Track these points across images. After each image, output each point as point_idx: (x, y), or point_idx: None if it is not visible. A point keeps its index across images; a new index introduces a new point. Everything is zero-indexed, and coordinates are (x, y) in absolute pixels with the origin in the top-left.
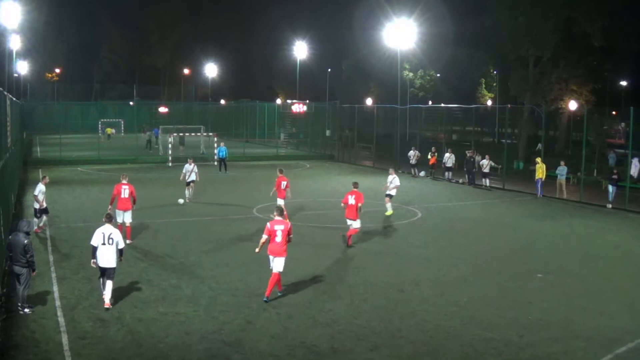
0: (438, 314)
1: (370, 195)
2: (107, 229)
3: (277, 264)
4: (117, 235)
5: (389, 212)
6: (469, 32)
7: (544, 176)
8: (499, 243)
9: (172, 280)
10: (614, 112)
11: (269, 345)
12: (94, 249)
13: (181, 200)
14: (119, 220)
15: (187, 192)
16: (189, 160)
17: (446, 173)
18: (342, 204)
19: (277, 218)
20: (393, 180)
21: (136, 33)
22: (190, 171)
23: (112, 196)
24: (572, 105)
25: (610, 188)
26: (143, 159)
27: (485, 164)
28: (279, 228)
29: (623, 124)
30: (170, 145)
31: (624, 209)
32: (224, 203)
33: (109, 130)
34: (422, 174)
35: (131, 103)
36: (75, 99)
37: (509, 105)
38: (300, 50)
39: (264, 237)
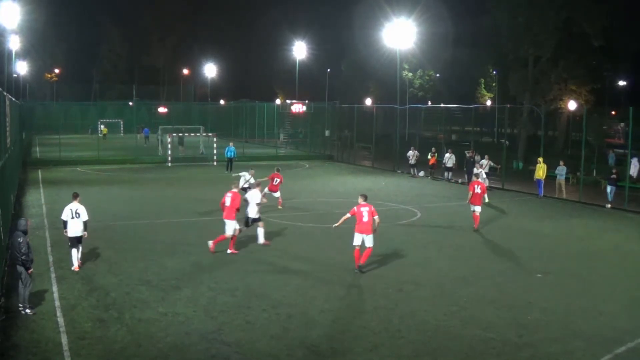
0: (437, 313)
1: (370, 197)
2: (74, 205)
3: (368, 240)
4: (82, 210)
5: None
6: (468, 32)
7: (545, 176)
8: (498, 243)
9: (171, 280)
10: (613, 112)
11: (268, 346)
12: (65, 222)
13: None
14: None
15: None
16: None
17: (446, 173)
18: (349, 215)
19: (362, 202)
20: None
21: (136, 33)
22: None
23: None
24: (572, 105)
25: (609, 188)
26: (142, 159)
27: (485, 164)
28: (365, 210)
29: (622, 124)
30: (169, 146)
31: (623, 209)
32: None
33: (105, 130)
34: (422, 174)
35: (130, 103)
36: (75, 99)
37: (508, 105)
38: (300, 50)
39: (348, 215)
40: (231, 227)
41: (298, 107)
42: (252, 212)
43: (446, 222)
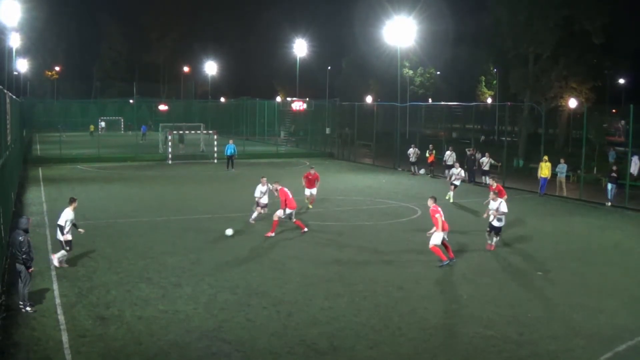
0: (438, 311)
1: (369, 193)
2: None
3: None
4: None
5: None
6: (468, 29)
7: (550, 175)
8: (499, 241)
9: (172, 278)
10: (613, 110)
11: (269, 343)
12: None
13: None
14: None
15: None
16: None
17: (446, 171)
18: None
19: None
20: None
21: (136, 30)
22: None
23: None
24: (572, 103)
25: (610, 186)
26: (142, 156)
27: (485, 161)
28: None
29: (623, 122)
30: (169, 143)
31: (624, 207)
32: (224, 200)
33: (92, 127)
34: (422, 171)
35: (131, 101)
36: (75, 97)
37: (509, 103)
38: (300, 48)
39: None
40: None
41: (298, 105)
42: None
43: (446, 220)
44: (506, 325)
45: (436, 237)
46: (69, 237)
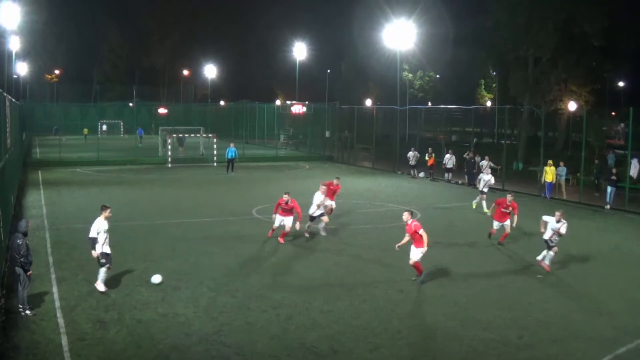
0: (437, 314)
1: (369, 197)
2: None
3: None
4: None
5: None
6: (468, 32)
7: (554, 179)
8: (493, 244)
9: (171, 281)
10: (613, 113)
11: (269, 347)
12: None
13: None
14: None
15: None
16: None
17: (446, 174)
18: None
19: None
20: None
21: (136, 33)
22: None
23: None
24: (572, 106)
25: (609, 189)
26: (142, 160)
27: (485, 164)
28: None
29: (622, 125)
30: (169, 147)
31: (623, 210)
32: (224, 204)
33: (86, 131)
34: (422, 174)
35: (130, 104)
36: (75, 100)
37: (508, 106)
38: (300, 51)
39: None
40: None
41: (298, 108)
42: (312, 209)
43: (446, 223)
44: (506, 328)
45: (418, 253)
46: (106, 249)
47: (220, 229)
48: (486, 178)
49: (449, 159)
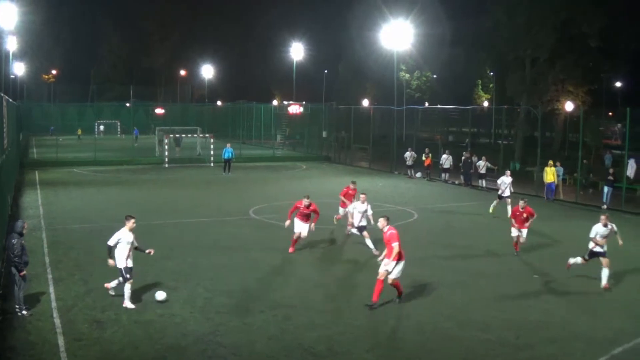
0: (435, 315)
1: (367, 198)
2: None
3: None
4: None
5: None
6: (465, 33)
7: (555, 180)
8: (496, 244)
9: (169, 282)
10: (610, 113)
11: (266, 347)
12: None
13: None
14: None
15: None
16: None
17: (443, 174)
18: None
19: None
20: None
21: (136, 34)
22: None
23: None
24: (569, 106)
25: (606, 189)
26: (139, 160)
27: (482, 165)
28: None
29: (619, 125)
30: (166, 147)
31: (620, 210)
32: (221, 204)
33: (80, 131)
34: (419, 175)
35: (128, 104)
36: (72, 100)
37: (505, 107)
38: (297, 51)
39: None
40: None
41: (295, 108)
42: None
43: (443, 224)
44: (503, 328)
45: (392, 267)
46: (129, 263)
47: (218, 229)
48: (507, 180)
49: (446, 159)
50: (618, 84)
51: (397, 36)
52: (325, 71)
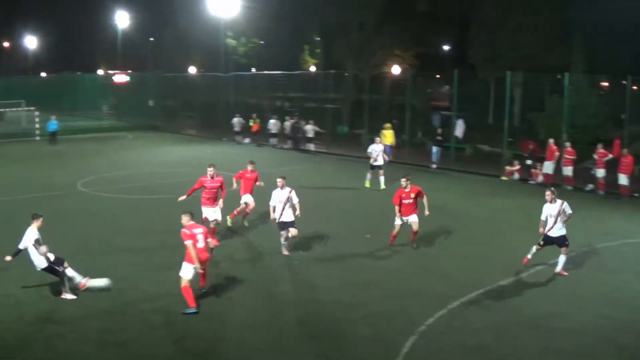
0: (271, 279)
1: (197, 165)
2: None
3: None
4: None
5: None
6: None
7: (394, 142)
8: (324, 207)
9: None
10: (438, 76)
11: (100, 321)
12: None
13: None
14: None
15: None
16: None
17: (271, 139)
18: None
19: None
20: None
21: None
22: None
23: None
24: (396, 69)
25: (435, 149)
26: None
27: (310, 129)
28: (198, 231)
29: (447, 87)
30: None
31: (449, 169)
32: (47, 179)
33: None
34: (247, 140)
35: None
36: None
37: (332, 71)
38: (122, 19)
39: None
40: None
41: (121, 78)
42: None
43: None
44: (338, 288)
45: (187, 271)
46: (51, 256)
47: (47, 205)
48: (377, 148)
49: (274, 125)
50: (447, 48)
51: (224, 2)
52: (152, 39)
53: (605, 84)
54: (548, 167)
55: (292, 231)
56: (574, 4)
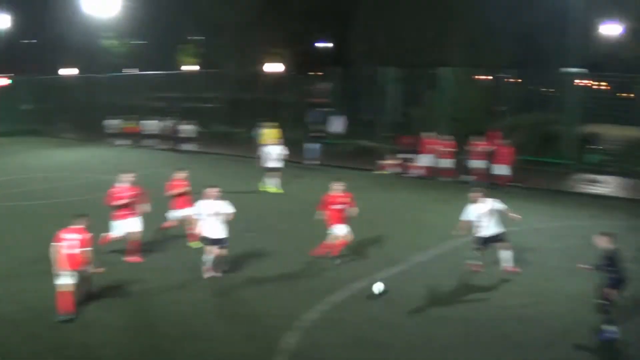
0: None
1: (76, 170)
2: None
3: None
4: None
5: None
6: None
7: (277, 141)
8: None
9: None
10: (318, 73)
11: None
12: None
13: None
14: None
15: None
16: None
17: (149, 140)
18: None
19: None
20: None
21: None
22: None
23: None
24: (275, 68)
25: (312, 145)
26: None
27: (188, 129)
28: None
29: (326, 84)
30: None
31: (328, 165)
32: None
33: None
34: (126, 142)
35: None
36: None
37: (210, 71)
38: (2, 20)
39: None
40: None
41: (1, 81)
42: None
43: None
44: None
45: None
46: None
47: None
48: (273, 151)
49: (153, 125)
50: (327, 45)
51: (99, 2)
52: (26, 41)
53: (489, 77)
54: (423, 160)
55: (223, 251)
56: None
